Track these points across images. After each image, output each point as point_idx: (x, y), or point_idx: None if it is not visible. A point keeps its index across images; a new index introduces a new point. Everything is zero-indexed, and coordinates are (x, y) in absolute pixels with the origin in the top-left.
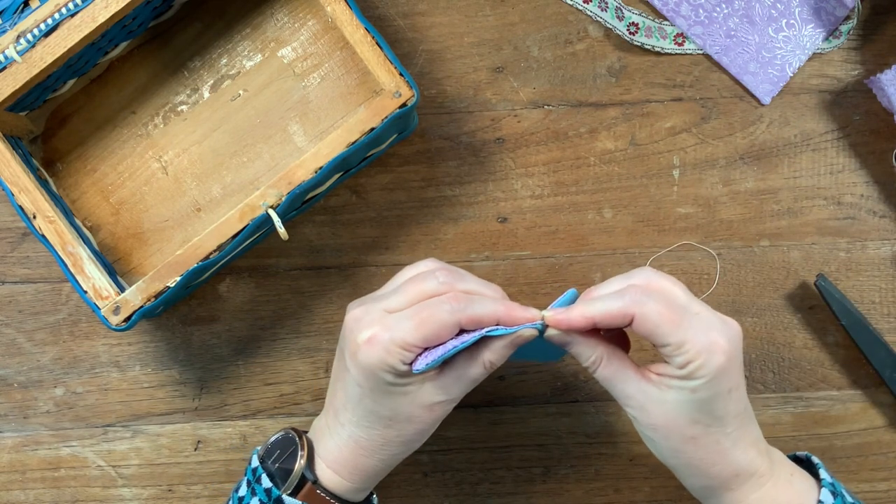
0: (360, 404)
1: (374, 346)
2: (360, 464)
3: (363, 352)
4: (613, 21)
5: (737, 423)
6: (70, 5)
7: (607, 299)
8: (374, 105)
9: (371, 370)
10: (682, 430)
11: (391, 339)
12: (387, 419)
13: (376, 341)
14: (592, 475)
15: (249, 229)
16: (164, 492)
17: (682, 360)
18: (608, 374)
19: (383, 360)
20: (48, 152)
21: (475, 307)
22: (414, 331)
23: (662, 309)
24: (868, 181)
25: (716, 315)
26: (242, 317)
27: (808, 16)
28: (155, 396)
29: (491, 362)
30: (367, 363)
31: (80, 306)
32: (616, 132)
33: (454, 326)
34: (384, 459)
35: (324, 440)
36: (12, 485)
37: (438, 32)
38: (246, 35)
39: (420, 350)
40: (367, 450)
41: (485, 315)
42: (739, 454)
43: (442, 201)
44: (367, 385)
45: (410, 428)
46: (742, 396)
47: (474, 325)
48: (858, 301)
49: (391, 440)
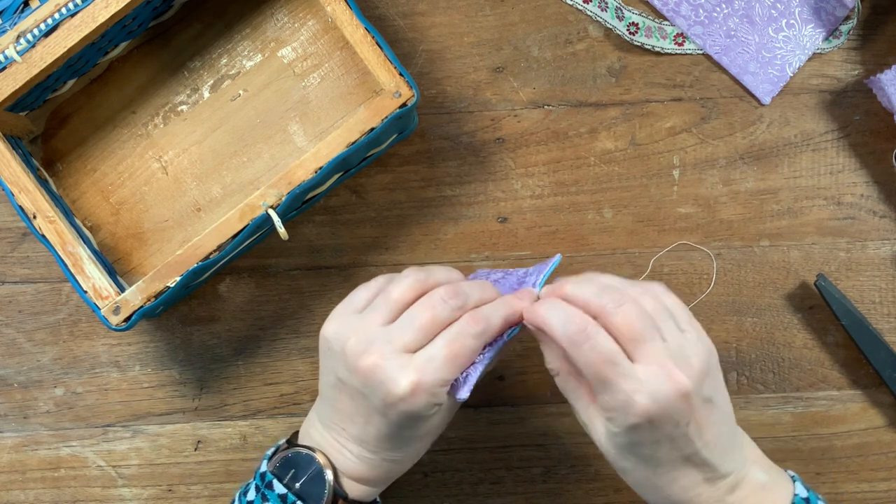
0: (397, 437)
1: (420, 395)
2: (392, 472)
3: (407, 402)
4: (613, 21)
5: (671, 468)
6: (70, 5)
7: (558, 320)
8: (374, 105)
9: (417, 414)
10: (614, 460)
11: (433, 382)
12: (424, 436)
13: (419, 390)
14: (592, 475)
15: (249, 229)
16: (164, 492)
17: (602, 402)
18: (562, 386)
19: (430, 403)
20: (48, 152)
21: (493, 323)
22: (449, 367)
23: (593, 357)
24: (868, 181)
25: (665, 369)
26: (242, 317)
27: (808, 16)
28: (155, 396)
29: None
30: (414, 410)
31: (80, 306)
32: (616, 132)
33: (480, 348)
34: (414, 460)
35: (348, 462)
36: (12, 485)
37: (438, 32)
38: (246, 35)
39: None
40: (404, 462)
41: (501, 327)
42: (677, 491)
43: (442, 201)
44: (408, 423)
45: (439, 431)
46: (683, 443)
47: (494, 338)
48: (858, 301)
49: (426, 445)
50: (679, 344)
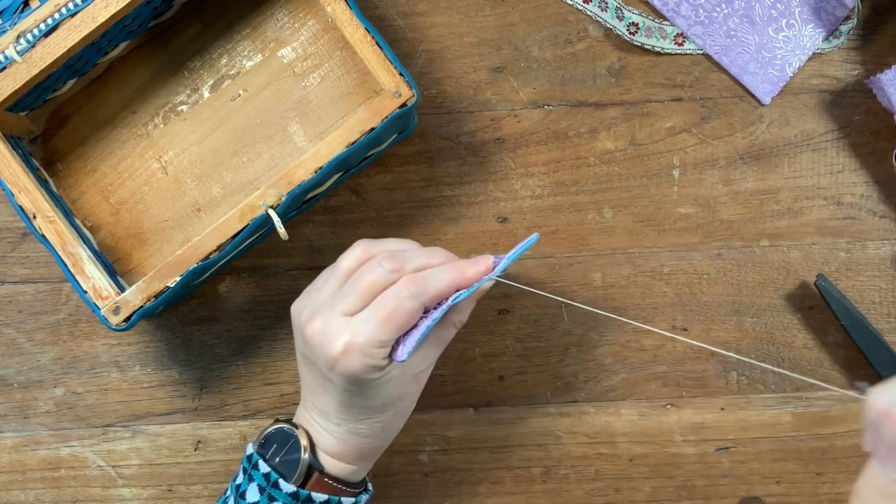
0: (352, 405)
1: (352, 355)
2: (363, 447)
3: (342, 363)
4: (613, 21)
5: None
6: (70, 5)
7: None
8: (374, 105)
9: (355, 376)
10: None
11: (366, 342)
12: (381, 406)
13: (352, 350)
14: (592, 475)
15: (249, 229)
16: (164, 492)
17: None
18: None
19: (365, 364)
20: (48, 152)
21: (432, 284)
22: (383, 328)
23: None
24: (868, 181)
25: None
26: (242, 317)
27: (808, 16)
28: (155, 396)
29: (460, 321)
30: (350, 371)
31: (80, 306)
32: (616, 132)
33: (419, 310)
34: (386, 437)
35: (321, 437)
36: (12, 485)
37: (438, 32)
38: (246, 35)
39: (394, 342)
40: (370, 436)
41: (444, 289)
42: None
43: (442, 201)
44: (355, 388)
45: (404, 403)
46: None
47: (436, 301)
48: (858, 301)
49: (390, 420)
50: None
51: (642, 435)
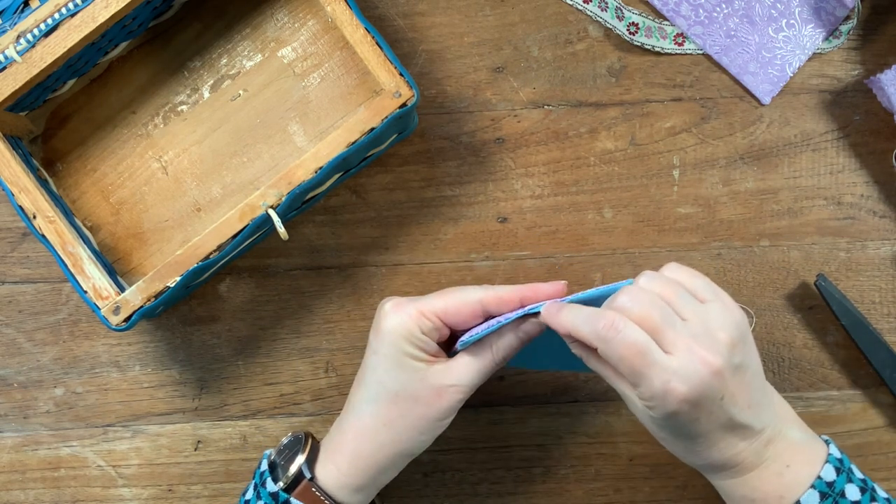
0: (373, 375)
1: (397, 312)
2: (360, 450)
3: (385, 318)
4: (613, 21)
5: (709, 436)
6: (70, 5)
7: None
8: (374, 105)
9: (391, 335)
10: (652, 431)
11: (414, 306)
12: (393, 394)
13: (400, 308)
14: (592, 475)
15: (249, 229)
16: (164, 492)
17: (639, 394)
18: (594, 367)
19: (403, 325)
20: (48, 152)
21: (498, 289)
22: (436, 300)
23: (624, 351)
24: (868, 181)
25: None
26: (242, 317)
27: (808, 16)
28: (155, 396)
29: (498, 347)
30: (389, 327)
31: (80, 306)
32: (616, 132)
33: (476, 303)
34: (383, 446)
35: (332, 432)
36: (12, 485)
37: (438, 32)
38: (246, 35)
39: (440, 323)
40: (369, 431)
41: (508, 295)
42: (716, 454)
43: (442, 201)
44: (383, 351)
45: (414, 411)
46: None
47: (498, 303)
48: (858, 301)
49: (393, 421)
50: (702, 319)
51: (642, 435)
